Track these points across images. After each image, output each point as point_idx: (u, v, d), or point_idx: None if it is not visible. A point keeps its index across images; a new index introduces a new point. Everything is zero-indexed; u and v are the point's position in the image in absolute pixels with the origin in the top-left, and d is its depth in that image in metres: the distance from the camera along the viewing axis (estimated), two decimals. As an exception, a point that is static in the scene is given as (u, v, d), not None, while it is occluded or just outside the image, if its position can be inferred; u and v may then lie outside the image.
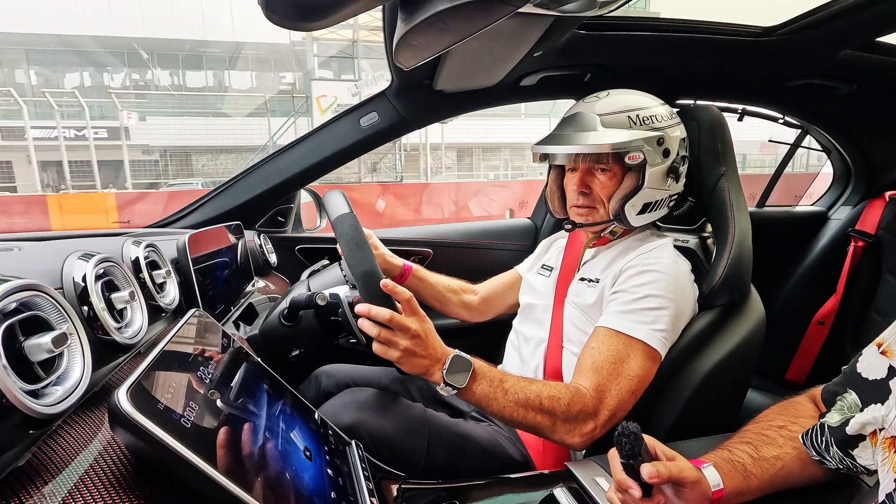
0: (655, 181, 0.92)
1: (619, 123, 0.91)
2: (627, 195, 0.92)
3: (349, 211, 0.83)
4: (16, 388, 0.41)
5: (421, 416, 0.92)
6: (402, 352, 0.74)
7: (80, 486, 0.40)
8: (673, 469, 0.54)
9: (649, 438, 0.57)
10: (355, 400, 0.92)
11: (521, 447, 0.95)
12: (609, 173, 0.94)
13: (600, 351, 0.83)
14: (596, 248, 1.03)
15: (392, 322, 0.73)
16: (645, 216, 0.95)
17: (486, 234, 1.72)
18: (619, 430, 0.54)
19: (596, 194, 0.96)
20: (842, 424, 0.59)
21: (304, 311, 1.00)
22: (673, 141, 0.93)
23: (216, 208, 1.47)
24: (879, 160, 1.82)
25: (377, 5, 0.65)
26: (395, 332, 0.74)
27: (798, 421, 0.67)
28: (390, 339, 0.74)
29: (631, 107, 0.93)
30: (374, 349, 0.76)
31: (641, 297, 0.86)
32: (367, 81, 2.06)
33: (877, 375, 0.57)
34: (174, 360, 0.49)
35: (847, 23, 1.09)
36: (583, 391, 0.79)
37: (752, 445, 0.64)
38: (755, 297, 1.00)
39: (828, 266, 1.80)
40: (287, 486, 0.47)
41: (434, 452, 0.87)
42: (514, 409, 0.77)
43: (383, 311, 0.73)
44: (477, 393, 0.77)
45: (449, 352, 0.77)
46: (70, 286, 0.58)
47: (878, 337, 0.61)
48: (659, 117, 0.93)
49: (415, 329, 0.74)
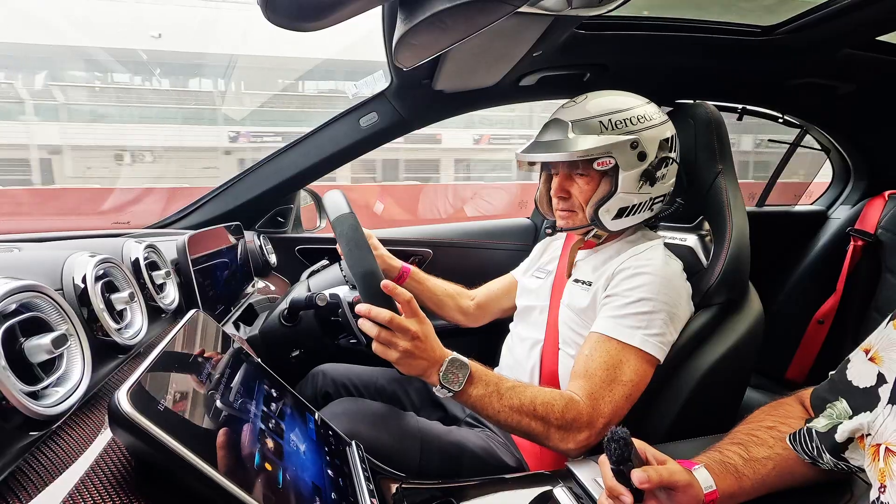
0: (629, 185, 0.91)
1: (591, 129, 0.91)
2: (601, 200, 0.92)
3: (349, 211, 0.83)
4: (16, 389, 0.41)
5: (414, 427, 0.91)
6: (401, 353, 0.74)
7: (81, 487, 0.39)
8: (664, 473, 0.54)
9: (639, 443, 0.57)
10: (347, 411, 0.91)
11: (516, 453, 0.95)
12: (586, 178, 0.94)
13: (593, 357, 0.83)
14: (586, 251, 1.03)
15: (392, 323, 0.73)
16: (622, 221, 0.94)
17: (486, 234, 1.72)
18: (609, 436, 0.53)
19: (574, 199, 0.96)
20: (830, 430, 0.58)
21: (304, 312, 1.00)
22: (650, 143, 0.91)
23: (216, 209, 1.47)
24: (879, 159, 1.83)
25: (377, 5, 0.65)
26: (394, 333, 0.74)
27: (787, 422, 0.67)
28: (390, 340, 0.74)
29: (606, 110, 0.91)
30: (374, 349, 0.76)
31: (634, 300, 0.85)
32: (368, 81, 2.07)
33: (866, 383, 0.57)
34: (174, 361, 0.49)
35: (847, 22, 1.09)
36: (576, 399, 0.80)
37: (743, 446, 0.64)
38: (753, 296, 1.00)
39: (827, 265, 1.80)
40: (287, 487, 0.47)
41: (428, 463, 0.86)
42: (508, 413, 0.77)
43: (383, 312, 0.73)
44: (472, 396, 0.77)
45: (446, 354, 0.77)
46: (70, 287, 0.58)
47: (864, 341, 0.61)
48: (635, 119, 0.91)
49: (414, 330, 0.74)
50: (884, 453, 0.51)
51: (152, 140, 7.83)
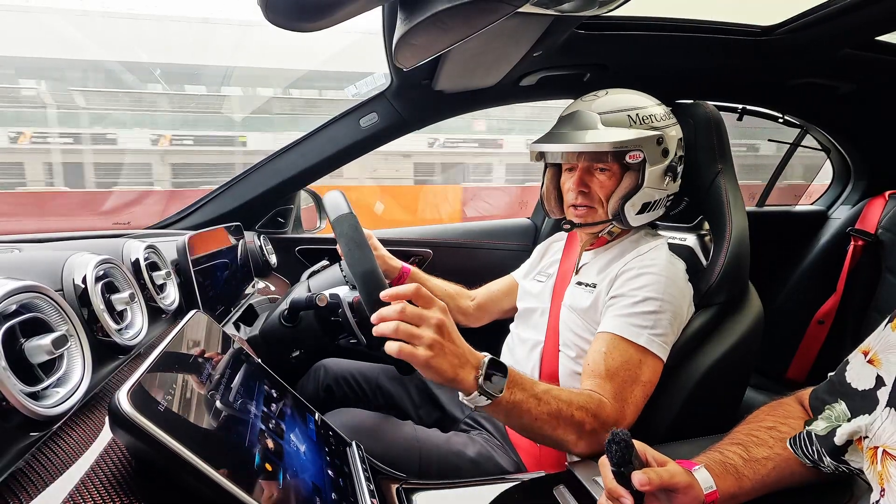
0: (654, 181, 0.92)
1: (620, 122, 0.91)
2: (627, 195, 0.92)
3: (349, 211, 0.83)
4: (16, 389, 0.41)
5: (412, 437, 0.91)
6: (430, 347, 0.61)
7: (81, 488, 0.39)
8: (664, 475, 0.54)
9: (640, 444, 0.57)
10: (344, 422, 0.90)
11: (514, 455, 0.94)
12: (608, 172, 0.94)
13: (612, 356, 0.82)
14: (594, 251, 1.03)
15: (406, 314, 0.61)
16: (644, 216, 0.95)
17: (486, 235, 1.72)
18: (609, 438, 0.53)
19: (594, 194, 0.95)
20: (829, 434, 0.58)
21: (304, 312, 1.00)
22: (671, 140, 0.93)
23: (216, 209, 1.47)
24: (879, 159, 1.83)
25: (377, 5, 0.65)
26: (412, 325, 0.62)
27: (787, 422, 0.67)
28: (411, 332, 0.61)
29: (630, 106, 0.93)
30: (395, 351, 0.61)
31: (640, 300, 0.85)
32: (367, 81, 2.07)
33: (866, 386, 0.57)
34: (174, 361, 0.49)
35: (847, 22, 1.08)
36: (604, 401, 0.77)
37: (743, 446, 0.64)
38: (753, 295, 1.00)
39: (828, 265, 1.80)
40: (287, 487, 0.47)
41: (426, 474, 0.86)
42: (546, 421, 0.69)
43: (394, 305, 0.62)
44: (510, 403, 0.66)
45: (478, 353, 0.66)
46: (70, 288, 0.58)
47: (863, 343, 0.61)
48: (657, 117, 0.93)
49: (437, 318, 0.63)
50: (881, 456, 0.51)
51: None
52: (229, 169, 7.91)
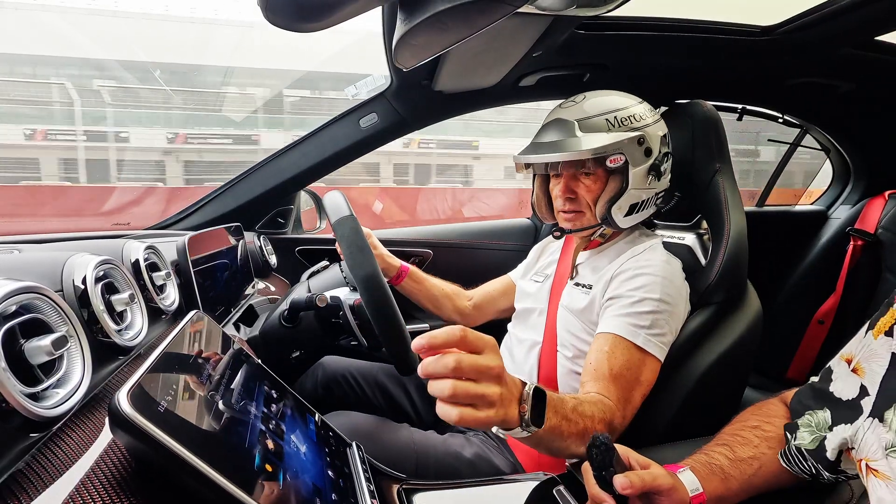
0: (639, 181, 0.92)
1: (598, 127, 0.91)
2: (613, 198, 0.92)
3: (349, 213, 0.83)
4: (16, 390, 0.40)
5: (408, 440, 0.90)
6: (498, 404, 0.51)
7: (81, 488, 0.39)
8: (646, 478, 0.53)
9: (621, 447, 0.56)
10: (340, 426, 0.90)
11: (510, 456, 0.94)
12: (593, 177, 0.94)
13: (615, 356, 0.81)
14: (589, 252, 1.03)
15: (463, 367, 0.49)
16: (632, 217, 0.95)
17: (486, 235, 1.72)
18: (590, 442, 0.52)
19: (581, 199, 0.96)
20: (819, 447, 0.58)
21: (304, 313, 1.00)
22: (654, 139, 0.92)
23: (216, 210, 1.47)
24: (879, 159, 1.83)
25: (377, 6, 0.65)
26: (472, 382, 0.50)
27: (772, 421, 0.66)
28: (473, 392, 0.49)
29: (608, 109, 0.92)
30: (451, 419, 0.49)
31: (637, 300, 0.85)
32: (367, 82, 2.06)
33: (850, 395, 0.56)
34: (174, 362, 0.48)
35: (846, 21, 1.09)
36: (610, 405, 0.77)
37: (728, 447, 0.63)
38: (752, 295, 1.00)
39: (827, 265, 1.80)
40: (288, 488, 0.47)
41: (423, 477, 0.85)
42: (572, 441, 0.63)
43: (445, 360, 0.49)
44: (547, 430, 0.58)
45: (518, 381, 0.57)
46: (70, 288, 0.58)
47: (844, 349, 0.60)
48: (637, 116, 0.92)
49: (497, 366, 0.51)
50: (865, 469, 0.50)
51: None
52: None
